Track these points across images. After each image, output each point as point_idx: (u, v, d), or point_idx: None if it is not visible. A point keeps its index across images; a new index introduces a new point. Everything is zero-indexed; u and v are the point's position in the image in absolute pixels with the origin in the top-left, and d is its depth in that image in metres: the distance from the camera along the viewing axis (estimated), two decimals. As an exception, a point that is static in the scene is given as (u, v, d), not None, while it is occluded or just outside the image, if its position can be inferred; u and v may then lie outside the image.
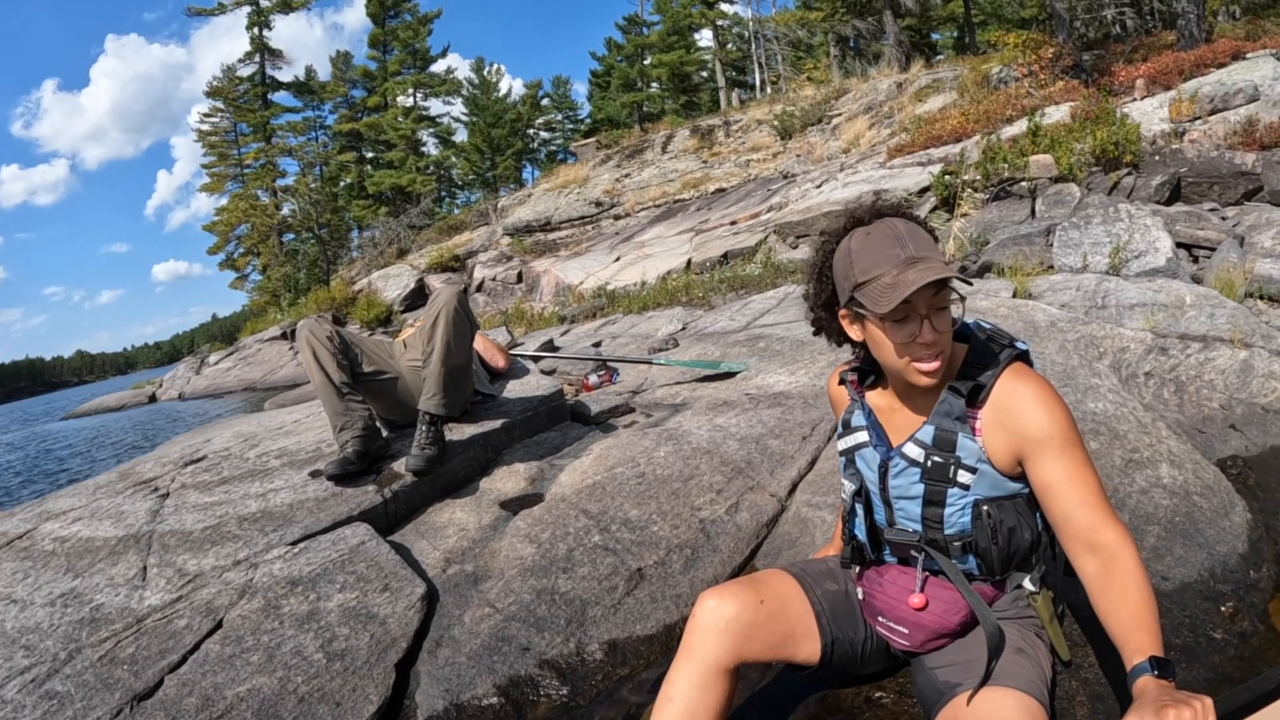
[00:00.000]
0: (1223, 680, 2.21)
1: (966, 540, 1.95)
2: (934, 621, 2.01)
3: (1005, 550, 1.94)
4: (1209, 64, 14.45)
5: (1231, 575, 2.67)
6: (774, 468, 3.84)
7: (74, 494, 4.19)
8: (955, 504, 1.94)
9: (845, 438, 2.17)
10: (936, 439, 1.94)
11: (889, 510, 2.06)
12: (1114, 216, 7.92)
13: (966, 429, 1.92)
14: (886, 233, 1.86)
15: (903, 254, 1.82)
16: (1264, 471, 3.72)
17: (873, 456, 2.07)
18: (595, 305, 13.88)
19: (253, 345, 29.95)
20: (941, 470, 1.93)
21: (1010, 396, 1.89)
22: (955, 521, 1.95)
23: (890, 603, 2.07)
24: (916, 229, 1.88)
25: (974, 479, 1.91)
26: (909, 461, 1.98)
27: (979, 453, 1.91)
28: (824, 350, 5.42)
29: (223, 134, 51.60)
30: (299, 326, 3.93)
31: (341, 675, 2.56)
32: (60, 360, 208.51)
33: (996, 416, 1.90)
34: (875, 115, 23.78)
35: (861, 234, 1.90)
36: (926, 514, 1.98)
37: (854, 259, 1.89)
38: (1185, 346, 4.73)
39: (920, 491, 1.97)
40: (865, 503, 2.12)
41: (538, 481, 3.94)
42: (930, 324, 1.83)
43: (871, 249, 1.86)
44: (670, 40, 47.30)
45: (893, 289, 1.79)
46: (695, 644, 1.99)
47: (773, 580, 2.16)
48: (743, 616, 2.00)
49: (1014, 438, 1.87)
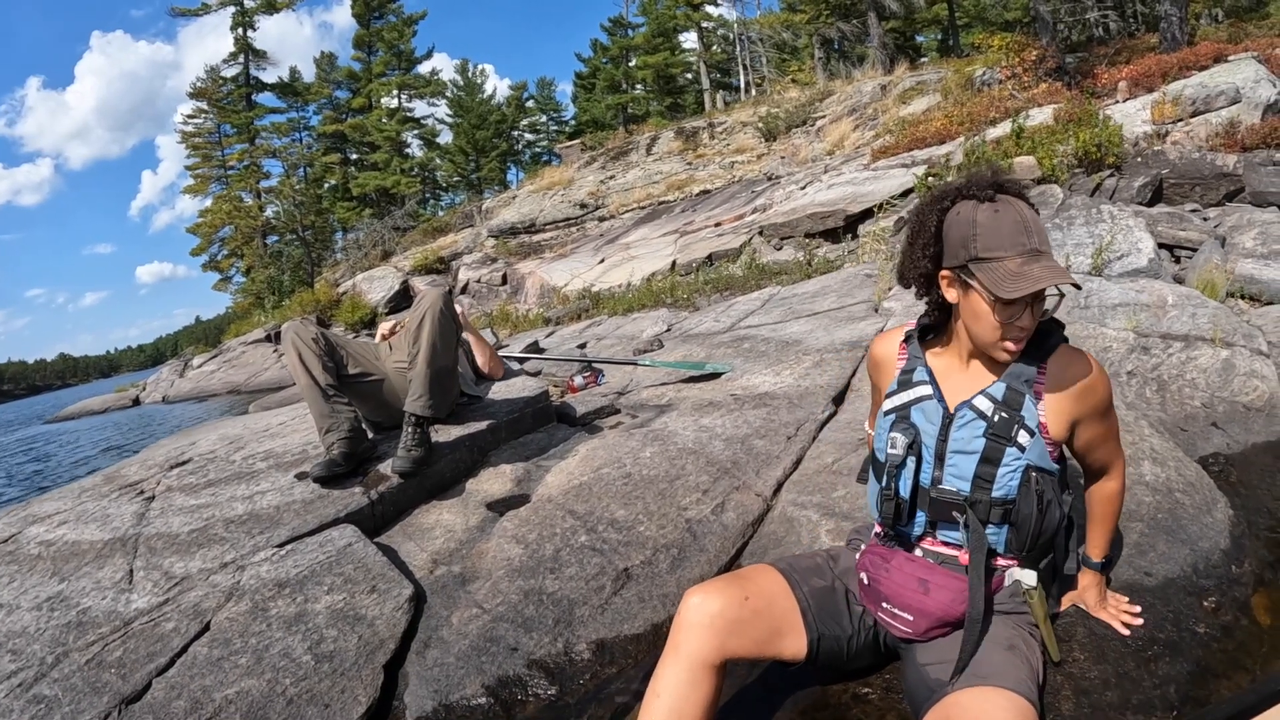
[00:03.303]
0: (1205, 673, 2.23)
1: (1008, 506, 2.03)
2: (939, 609, 2.07)
3: (1040, 524, 2.02)
4: (1191, 66, 14.53)
5: (1214, 570, 2.69)
6: (759, 468, 3.86)
7: (59, 497, 4.18)
8: (1010, 465, 2.02)
9: (902, 393, 2.21)
10: (1006, 396, 2.05)
11: (939, 467, 2.11)
12: (1096, 217, 7.96)
13: (1032, 394, 2.05)
14: (1015, 217, 1.94)
15: (1028, 244, 1.92)
16: (1245, 469, 3.76)
17: (934, 409, 2.13)
18: (580, 307, 13.90)
19: (237, 348, 29.88)
20: (1006, 426, 2.03)
21: (1073, 368, 2.06)
22: (1005, 483, 2.02)
23: (896, 589, 2.12)
24: (1038, 219, 1.98)
25: (1030, 442, 2.01)
26: (977, 414, 2.06)
27: (1038, 418, 2.04)
28: (808, 351, 5.45)
29: (206, 135, 51.29)
30: (285, 329, 3.92)
31: (330, 677, 2.56)
32: (43, 363, 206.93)
33: (1060, 386, 2.05)
34: (860, 117, 23.88)
35: (989, 210, 1.97)
36: (980, 471, 2.04)
37: (979, 232, 1.96)
38: (1167, 346, 4.76)
39: (980, 447, 2.05)
40: (916, 458, 2.15)
41: (524, 483, 3.94)
42: (1031, 311, 1.97)
43: (999, 229, 1.94)
44: (655, 42, 47.25)
45: (1018, 279, 1.89)
46: (681, 640, 2.01)
47: (758, 577, 2.18)
48: (727, 613, 2.03)
49: (1076, 404, 2.05)
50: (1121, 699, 2.10)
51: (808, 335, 6.05)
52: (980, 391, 2.09)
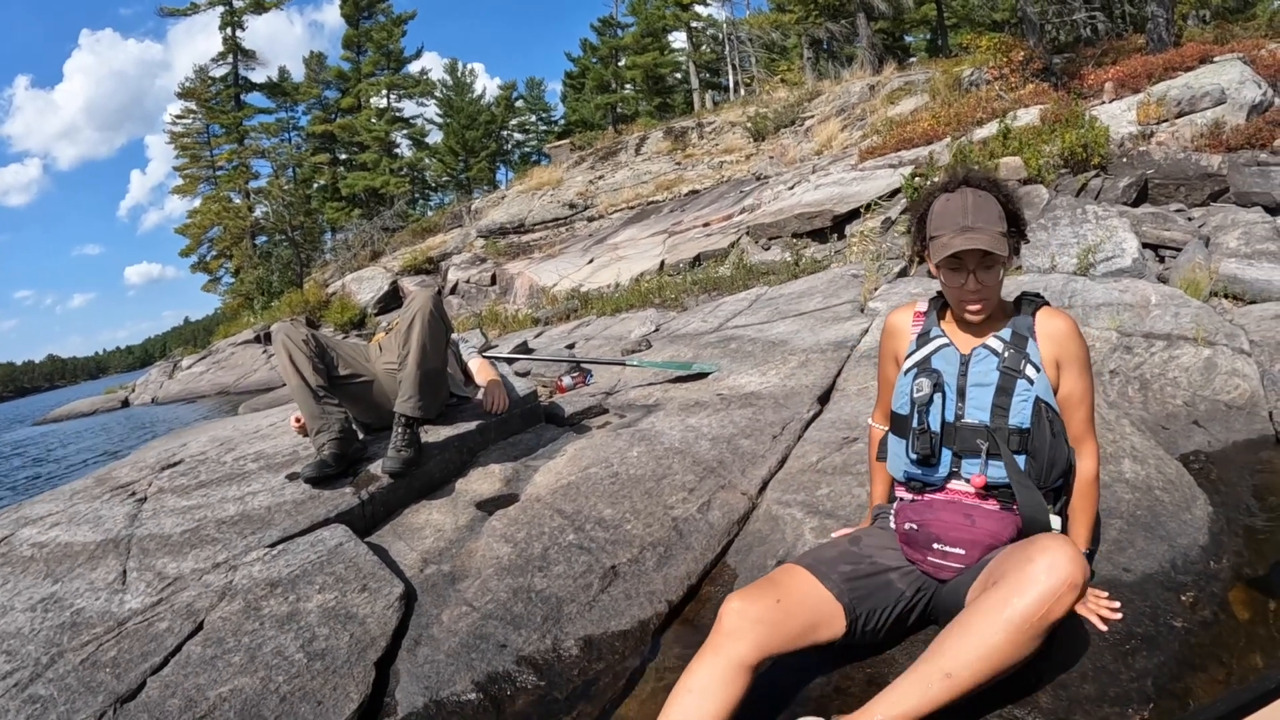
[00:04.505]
0: (1183, 667, 2.27)
1: (1024, 435, 2.34)
2: (987, 536, 2.31)
3: (1052, 455, 2.33)
4: (1177, 68, 14.57)
5: (1192, 566, 2.74)
6: (745, 467, 3.90)
7: (50, 499, 4.19)
8: (1022, 395, 2.36)
9: (921, 349, 2.56)
10: (1013, 337, 2.44)
11: (961, 401, 2.43)
12: (1081, 218, 8.04)
13: (1032, 337, 2.44)
14: (959, 203, 2.38)
15: (962, 222, 2.34)
16: (1225, 466, 3.81)
17: (953, 354, 2.49)
18: (569, 307, 13.92)
19: (226, 349, 29.81)
20: (1016, 360, 2.39)
21: (1056, 319, 2.47)
22: (1019, 411, 2.35)
23: (945, 527, 2.34)
24: (985, 202, 2.38)
25: (1037, 377, 2.37)
26: (990, 351, 2.44)
27: (1039, 356, 2.41)
28: (794, 351, 5.49)
29: (195, 135, 51.04)
30: (275, 330, 3.94)
31: (322, 674, 2.59)
32: (31, 365, 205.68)
33: (1046, 331, 2.44)
34: (848, 117, 23.91)
35: (944, 198, 2.43)
36: (996, 401, 2.38)
37: (932, 216, 2.44)
38: (1150, 345, 4.81)
39: (995, 379, 2.39)
40: (941, 396, 2.46)
41: (513, 482, 3.96)
42: (975, 277, 2.37)
43: (946, 213, 2.39)
44: (644, 42, 47.17)
45: (945, 248, 2.35)
46: (723, 643, 2.10)
47: (787, 577, 2.30)
48: (765, 616, 2.13)
49: (1059, 347, 2.43)
50: (1099, 692, 2.14)
51: (794, 335, 6.09)
52: (993, 334, 2.46)
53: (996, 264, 2.37)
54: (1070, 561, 1.97)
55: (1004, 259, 2.38)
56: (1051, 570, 1.95)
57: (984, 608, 2.00)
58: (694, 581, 3.18)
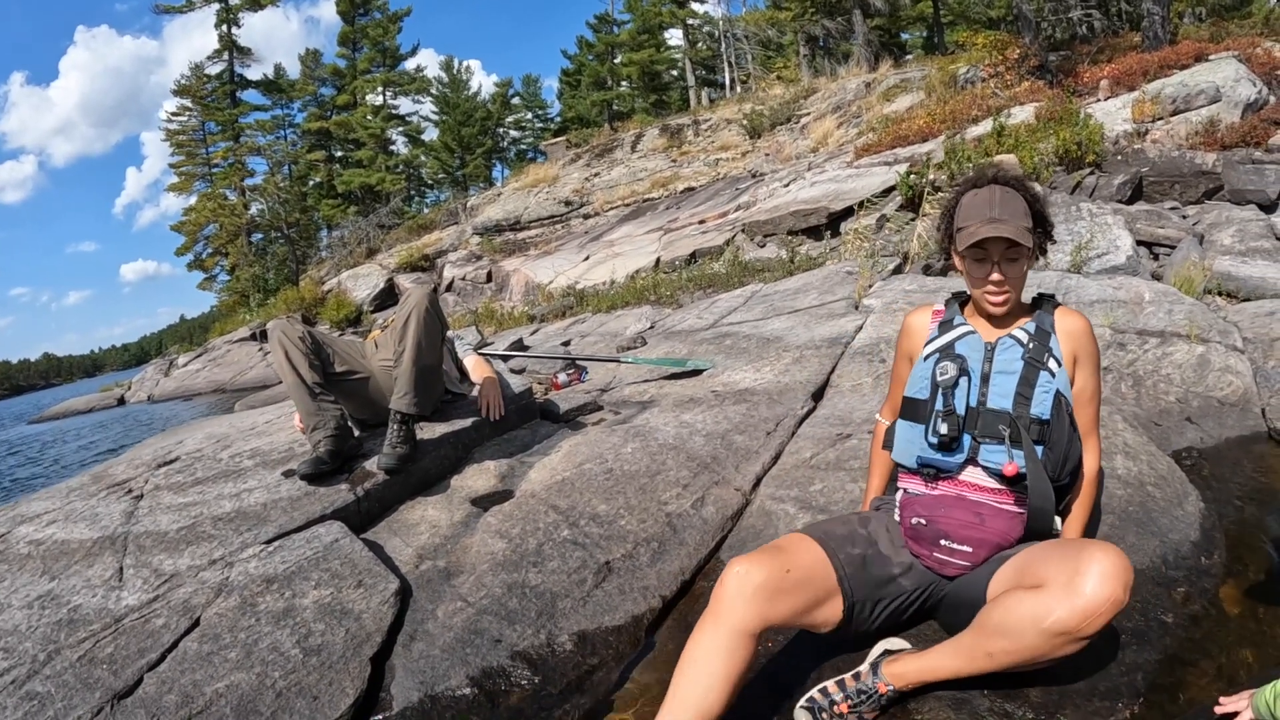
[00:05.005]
0: (1173, 661, 2.29)
1: (1044, 425, 2.36)
2: (996, 536, 2.35)
3: (1067, 448, 2.36)
4: (1172, 65, 14.55)
5: (1184, 562, 2.76)
6: (739, 463, 3.91)
7: (47, 497, 4.19)
8: (1044, 386, 2.40)
9: (944, 335, 2.61)
10: (1037, 331, 2.50)
11: (984, 387, 2.46)
12: (1076, 215, 8.05)
13: (1053, 333, 2.51)
14: (986, 197, 2.45)
15: (988, 214, 2.40)
16: (1218, 463, 3.82)
17: (977, 342, 2.54)
18: (564, 304, 13.90)
19: (222, 346, 29.79)
20: (1039, 353, 2.45)
21: (1072, 317, 2.54)
22: (1041, 401, 2.39)
23: (955, 525, 2.38)
24: (1012, 198, 2.45)
25: (1058, 371, 2.44)
26: (1016, 341, 2.49)
27: (1060, 351, 2.48)
28: (788, 348, 5.50)
29: (191, 133, 50.91)
30: (271, 327, 3.94)
31: (318, 670, 2.60)
32: (27, 363, 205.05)
33: (1064, 328, 2.52)
34: (843, 115, 23.89)
35: (972, 193, 2.51)
36: (1020, 390, 2.41)
37: (959, 210, 2.53)
38: (1143, 342, 4.83)
39: (1019, 368, 2.44)
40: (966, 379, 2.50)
41: (508, 478, 3.97)
42: (998, 268, 2.43)
43: (974, 205, 2.47)
44: (641, 39, 47.21)
45: (970, 236, 2.42)
46: (723, 609, 2.10)
47: (798, 547, 2.30)
48: (770, 584, 2.12)
49: (1075, 343, 2.50)
50: (1089, 686, 2.16)
51: (788, 332, 6.11)
52: (1017, 327, 2.53)
53: (1021, 256, 2.44)
54: (1117, 578, 1.96)
55: (1029, 252, 2.45)
56: (1101, 582, 1.95)
57: (1021, 612, 2.02)
58: (688, 577, 3.20)
